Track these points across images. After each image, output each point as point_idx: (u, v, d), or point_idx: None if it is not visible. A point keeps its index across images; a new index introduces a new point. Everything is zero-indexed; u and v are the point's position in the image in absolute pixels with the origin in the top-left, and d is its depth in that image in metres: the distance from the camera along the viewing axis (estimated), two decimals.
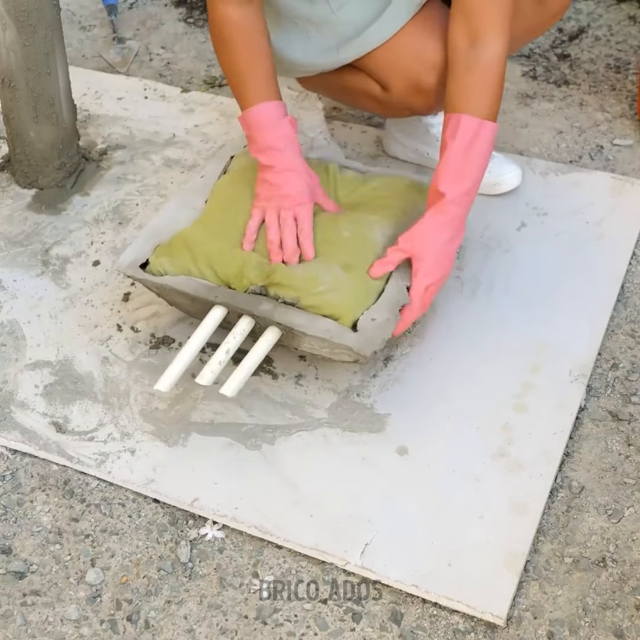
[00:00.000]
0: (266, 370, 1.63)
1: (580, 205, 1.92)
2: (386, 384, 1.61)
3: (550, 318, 1.70)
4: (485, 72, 1.53)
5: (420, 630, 1.33)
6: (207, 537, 1.44)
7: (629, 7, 2.50)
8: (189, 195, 1.70)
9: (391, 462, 1.51)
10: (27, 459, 1.54)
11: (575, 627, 1.33)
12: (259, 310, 1.51)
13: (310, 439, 1.54)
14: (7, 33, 1.81)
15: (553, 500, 1.47)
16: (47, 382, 1.64)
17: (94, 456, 1.53)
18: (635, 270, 1.81)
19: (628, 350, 1.67)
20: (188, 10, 2.58)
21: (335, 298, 1.50)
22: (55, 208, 1.97)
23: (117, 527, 1.45)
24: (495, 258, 1.81)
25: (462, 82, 1.54)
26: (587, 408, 1.59)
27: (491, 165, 1.91)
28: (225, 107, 2.20)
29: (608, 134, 2.11)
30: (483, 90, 1.53)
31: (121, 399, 1.61)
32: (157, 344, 1.68)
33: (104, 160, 2.07)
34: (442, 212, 1.52)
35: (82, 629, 1.34)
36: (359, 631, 1.33)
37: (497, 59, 1.53)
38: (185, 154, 2.08)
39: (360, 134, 2.10)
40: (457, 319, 1.70)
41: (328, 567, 1.40)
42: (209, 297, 1.54)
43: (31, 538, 1.44)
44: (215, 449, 1.53)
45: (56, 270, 1.83)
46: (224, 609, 1.36)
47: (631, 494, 1.47)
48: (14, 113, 1.92)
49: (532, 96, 2.23)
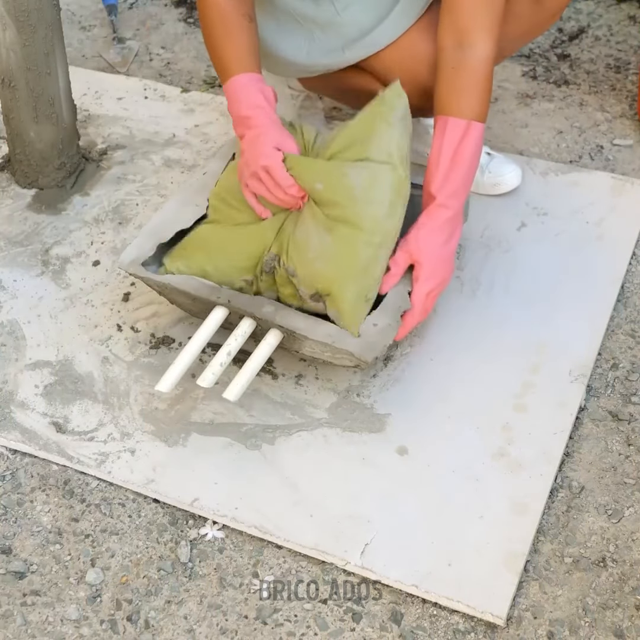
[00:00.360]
0: (266, 370, 1.63)
1: (580, 205, 1.92)
2: (386, 384, 1.61)
3: (550, 318, 1.70)
4: (473, 73, 1.53)
5: (420, 630, 1.33)
6: (207, 537, 1.44)
7: (629, 7, 2.50)
8: (190, 193, 1.70)
9: (391, 462, 1.50)
10: (27, 459, 1.54)
11: (575, 627, 1.33)
12: (260, 313, 1.51)
13: (310, 439, 1.54)
14: (7, 33, 1.81)
15: (553, 500, 1.47)
16: (47, 382, 1.64)
17: (94, 456, 1.53)
18: (635, 270, 1.81)
19: (628, 350, 1.67)
20: (188, 10, 2.58)
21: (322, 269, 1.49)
22: (55, 208, 1.97)
23: (117, 527, 1.45)
24: (495, 258, 1.81)
25: (449, 83, 1.55)
26: (587, 408, 1.59)
27: (491, 165, 1.91)
28: (225, 107, 2.19)
29: (608, 134, 2.11)
30: (470, 91, 1.54)
31: (121, 399, 1.61)
32: (157, 344, 1.68)
33: (104, 160, 2.07)
34: (433, 217, 1.53)
35: (82, 629, 1.34)
36: (359, 631, 1.33)
37: (484, 60, 1.53)
38: (185, 154, 2.08)
39: None
40: (457, 319, 1.70)
41: (328, 567, 1.40)
42: (211, 297, 1.54)
43: (31, 538, 1.44)
44: (215, 449, 1.53)
45: (56, 270, 1.83)
46: (224, 609, 1.36)
47: (631, 494, 1.47)
48: (14, 113, 1.92)
49: (532, 96, 2.23)
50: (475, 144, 1.54)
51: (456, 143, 1.53)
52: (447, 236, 1.54)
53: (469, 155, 1.54)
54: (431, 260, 1.53)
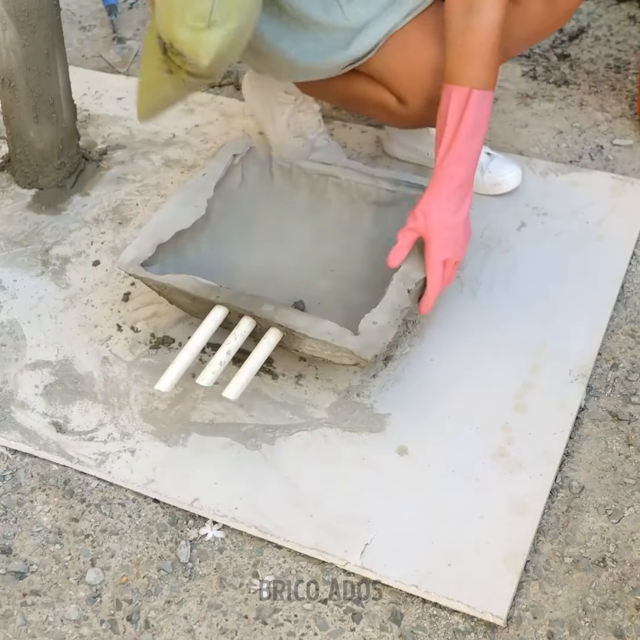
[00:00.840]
0: (266, 370, 1.63)
1: (580, 205, 1.92)
2: (386, 384, 1.61)
3: (550, 318, 1.70)
4: (479, 38, 1.51)
5: (420, 630, 1.33)
6: (207, 537, 1.44)
7: (629, 7, 2.50)
8: (190, 193, 1.70)
9: (391, 462, 1.50)
10: (27, 459, 1.54)
11: (575, 627, 1.33)
12: (260, 312, 1.51)
13: (310, 439, 1.54)
14: (7, 33, 1.81)
15: (553, 500, 1.47)
16: (47, 382, 1.64)
17: (94, 456, 1.53)
18: (635, 270, 1.81)
19: (628, 350, 1.67)
20: None
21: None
22: (55, 208, 1.97)
23: (117, 527, 1.45)
24: (495, 258, 1.81)
25: (456, 49, 1.53)
26: (587, 408, 1.59)
27: (491, 166, 1.91)
28: (225, 107, 2.20)
29: (608, 134, 2.11)
30: (476, 57, 1.51)
31: (121, 399, 1.61)
32: (157, 344, 1.68)
33: (104, 160, 2.07)
34: (439, 188, 1.53)
35: (82, 629, 1.34)
36: (359, 631, 1.33)
37: (491, 24, 1.51)
38: (185, 154, 2.08)
39: (360, 134, 2.10)
40: (457, 319, 1.70)
41: (328, 567, 1.40)
42: (210, 297, 1.54)
43: (31, 538, 1.44)
44: (215, 449, 1.53)
45: (56, 270, 1.83)
46: (224, 609, 1.36)
47: (631, 494, 1.47)
48: (14, 113, 1.92)
49: (532, 96, 2.23)
50: (479, 111, 1.51)
51: (460, 111, 1.51)
52: (455, 206, 1.53)
53: (471, 121, 1.51)
54: (440, 233, 1.52)
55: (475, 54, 1.51)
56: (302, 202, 1.79)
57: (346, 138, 2.09)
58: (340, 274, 1.73)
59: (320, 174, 1.77)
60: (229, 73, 2.32)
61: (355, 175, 1.75)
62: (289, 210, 1.79)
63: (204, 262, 1.70)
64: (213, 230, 1.73)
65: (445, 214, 1.53)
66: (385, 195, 1.74)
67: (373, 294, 1.60)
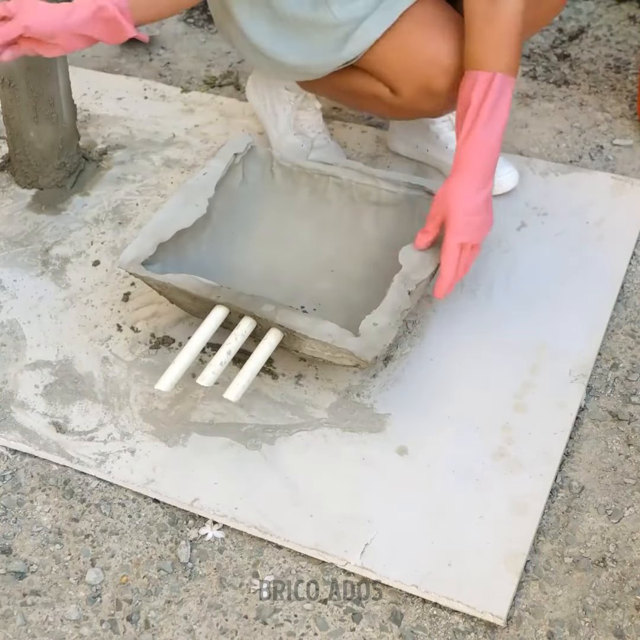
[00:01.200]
0: (266, 370, 1.63)
1: (580, 205, 1.92)
2: (386, 384, 1.61)
3: (550, 318, 1.70)
4: (504, 25, 1.54)
5: (420, 630, 1.33)
6: (207, 537, 1.44)
7: (629, 7, 2.50)
8: (190, 193, 1.70)
9: (391, 462, 1.51)
10: (27, 459, 1.54)
11: (575, 627, 1.33)
12: (260, 312, 1.51)
13: (310, 439, 1.54)
14: None
15: (553, 500, 1.47)
16: (47, 382, 1.64)
17: (94, 456, 1.53)
18: (635, 270, 1.81)
19: (628, 350, 1.67)
20: (188, 10, 2.57)
21: None
22: (55, 208, 1.97)
23: (117, 527, 1.45)
24: (495, 258, 1.81)
25: (482, 36, 1.55)
26: (587, 408, 1.59)
27: None
28: (225, 107, 2.20)
29: (608, 134, 2.11)
30: (503, 44, 1.54)
31: (121, 399, 1.61)
32: (157, 344, 1.68)
33: (104, 160, 2.07)
34: (461, 171, 1.53)
35: (82, 629, 1.34)
36: (359, 631, 1.33)
37: (515, 13, 1.54)
38: (185, 154, 2.08)
39: (360, 134, 2.10)
40: (457, 319, 1.70)
41: (328, 567, 1.40)
42: (211, 296, 1.54)
43: (31, 538, 1.44)
44: (215, 449, 1.53)
45: (56, 270, 1.84)
46: (224, 609, 1.36)
47: (631, 494, 1.47)
48: (14, 113, 1.92)
49: (532, 96, 2.23)
50: (502, 96, 1.53)
51: (483, 96, 1.53)
52: (475, 190, 1.53)
53: (494, 106, 1.52)
54: (459, 217, 1.52)
55: (502, 40, 1.54)
56: (302, 201, 1.80)
57: (346, 138, 2.09)
58: (340, 273, 1.73)
59: (321, 173, 1.77)
60: (229, 73, 2.33)
61: (356, 176, 1.76)
62: (289, 209, 1.79)
63: (204, 261, 1.70)
64: (214, 229, 1.73)
65: (465, 198, 1.53)
66: (385, 195, 1.74)
67: (373, 294, 1.60)
